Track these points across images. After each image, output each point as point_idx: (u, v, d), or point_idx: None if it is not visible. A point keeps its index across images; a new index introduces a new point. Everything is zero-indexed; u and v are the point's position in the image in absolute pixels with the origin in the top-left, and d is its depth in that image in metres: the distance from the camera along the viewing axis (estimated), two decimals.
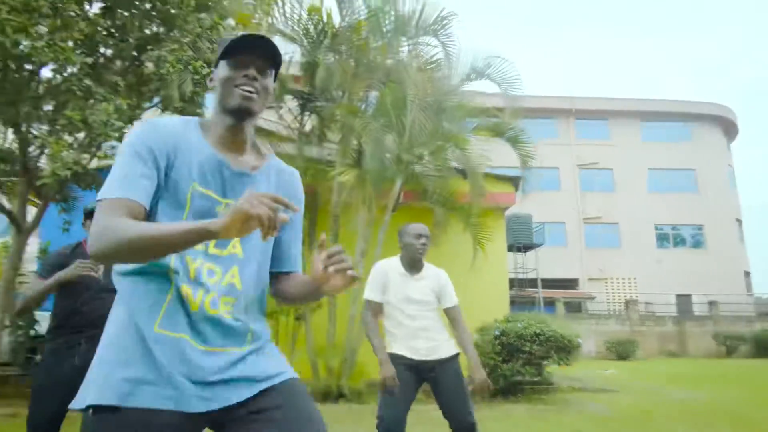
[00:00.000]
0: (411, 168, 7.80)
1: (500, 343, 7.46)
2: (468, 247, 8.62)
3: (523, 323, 7.58)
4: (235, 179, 1.33)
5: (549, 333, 7.43)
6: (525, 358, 7.42)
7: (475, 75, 8.20)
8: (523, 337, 7.39)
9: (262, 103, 1.36)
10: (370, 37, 7.93)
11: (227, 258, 1.31)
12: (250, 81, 1.31)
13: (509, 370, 7.43)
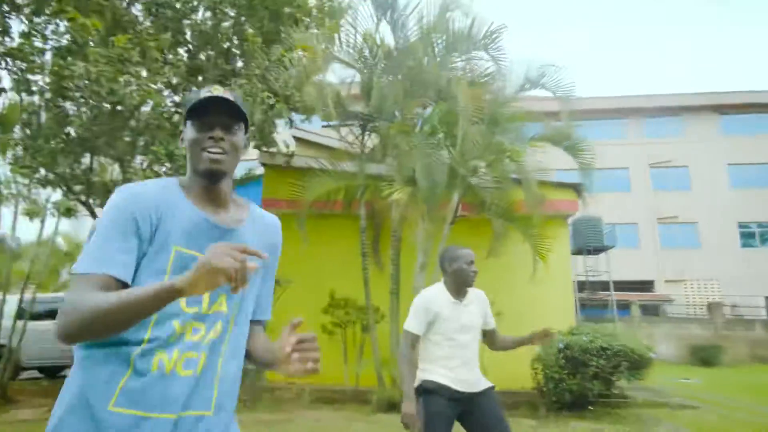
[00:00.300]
0: (467, 181, 7.62)
1: (564, 356, 7.06)
2: (530, 258, 8.30)
3: (589, 336, 7.12)
4: (221, 236, 1.27)
5: (617, 347, 6.92)
6: (591, 373, 6.96)
7: (529, 85, 7.93)
8: (589, 351, 6.93)
9: (231, 160, 1.31)
10: (423, 56, 7.85)
11: (213, 315, 1.25)
12: (216, 142, 1.26)
13: (576, 385, 7.01)
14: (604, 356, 6.87)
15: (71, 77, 6.38)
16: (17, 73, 7.24)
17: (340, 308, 8.23)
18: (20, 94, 7.52)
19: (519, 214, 8.34)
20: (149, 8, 7.34)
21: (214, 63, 8.06)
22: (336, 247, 9.25)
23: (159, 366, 1.14)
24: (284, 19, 8.62)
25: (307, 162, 9.07)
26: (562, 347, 7.10)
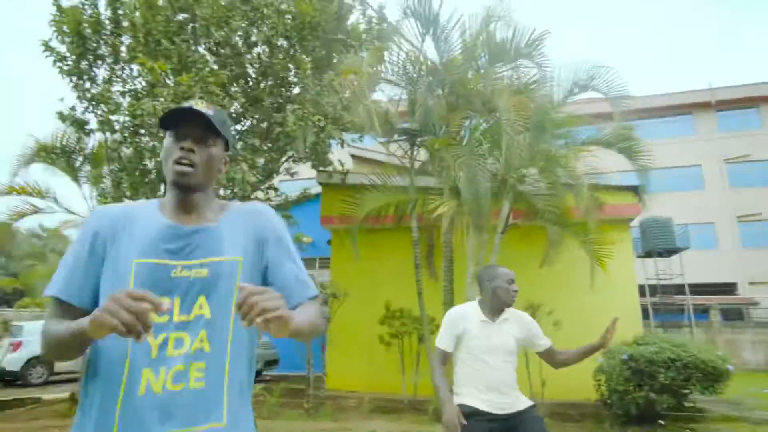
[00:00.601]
0: (516, 189, 7.27)
1: (629, 368, 6.46)
2: (588, 265, 7.76)
3: (655, 346, 6.48)
4: (188, 238, 1.22)
5: (687, 358, 6.24)
6: (659, 386, 6.32)
7: (578, 89, 7.47)
8: (656, 363, 6.30)
9: (202, 173, 1.26)
10: (467, 69, 7.64)
11: (194, 322, 1.17)
12: (186, 153, 1.23)
13: (642, 398, 6.40)
14: (673, 368, 6.22)
15: (142, 115, 6.78)
16: (102, 115, 7.81)
17: (396, 319, 8.10)
18: (105, 133, 8.11)
19: (574, 220, 7.85)
20: (210, 48, 7.66)
21: (270, 92, 8.27)
22: (390, 260, 9.17)
23: (146, 387, 1.10)
24: (335, 46, 8.76)
25: (360, 179, 9.09)
26: (627, 358, 6.52)
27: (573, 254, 8.03)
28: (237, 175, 7.09)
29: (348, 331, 9.03)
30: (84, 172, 9.50)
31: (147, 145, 7.96)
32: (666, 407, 6.45)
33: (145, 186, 8.11)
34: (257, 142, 8.07)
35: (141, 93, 7.59)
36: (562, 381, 7.67)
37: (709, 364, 6.18)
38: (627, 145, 6.93)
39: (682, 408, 6.73)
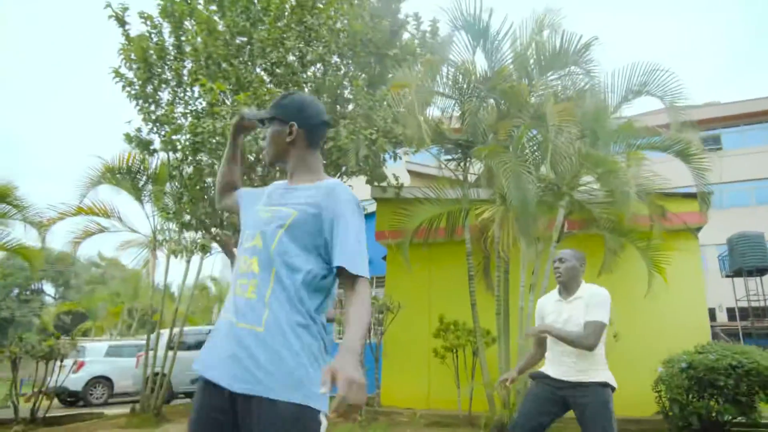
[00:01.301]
0: (571, 197, 7.95)
1: (688, 376, 6.93)
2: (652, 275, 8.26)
3: (716, 354, 6.94)
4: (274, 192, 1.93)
5: (749, 365, 6.66)
6: (722, 394, 6.75)
7: (632, 95, 8.12)
8: (716, 370, 6.75)
9: (269, 150, 1.99)
10: (518, 78, 8.46)
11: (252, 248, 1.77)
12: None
13: (703, 408, 6.84)
14: (734, 375, 6.64)
15: (203, 133, 8.01)
16: (164, 136, 9.16)
17: (450, 332, 8.84)
18: (167, 153, 9.47)
19: (634, 228, 8.39)
20: (266, 68, 8.88)
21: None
22: (443, 272, 9.97)
23: (235, 291, 1.77)
24: (388, 61, 9.79)
25: (413, 193, 10.01)
26: (686, 367, 6.99)
27: (635, 264, 8.56)
28: None
29: (401, 345, 9.87)
30: (147, 191, 10.96)
31: (206, 162, 9.24)
32: (731, 419, 6.81)
33: (204, 201, 9.38)
34: None
35: (201, 113, 8.86)
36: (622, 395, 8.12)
37: None
38: (681, 148, 7.46)
39: (752, 423, 7.04)
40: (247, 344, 1.61)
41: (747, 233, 16.10)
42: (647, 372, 7.73)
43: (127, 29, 9.36)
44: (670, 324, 8.78)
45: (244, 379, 1.58)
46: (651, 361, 7.76)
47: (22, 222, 11.54)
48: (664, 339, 8.19)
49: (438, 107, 9.36)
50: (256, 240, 1.76)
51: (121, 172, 10.54)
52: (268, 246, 1.72)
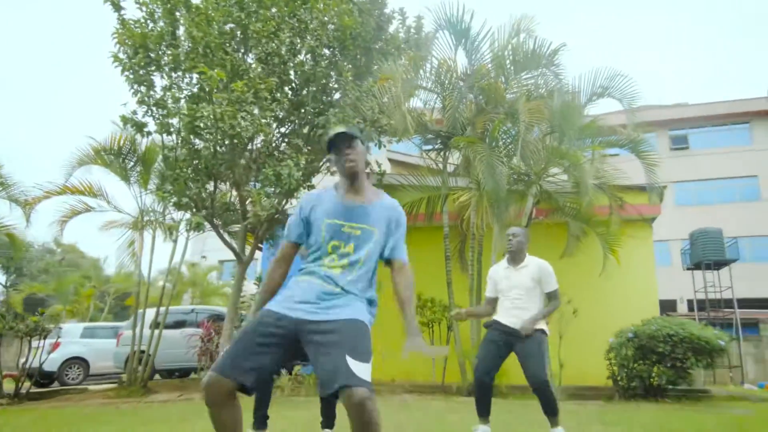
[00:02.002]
0: (539, 186, 9.35)
1: (633, 345, 8.43)
2: (610, 259, 9.75)
3: (657, 325, 8.46)
4: (353, 209, 2.49)
5: (683, 334, 8.19)
6: (661, 360, 8.26)
7: (596, 96, 9.56)
8: (656, 338, 8.27)
9: (359, 162, 2.51)
10: (495, 77, 9.80)
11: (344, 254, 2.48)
12: (347, 155, 2.48)
13: (644, 371, 8.35)
14: (671, 342, 8.16)
15: (201, 118, 9.06)
16: (159, 119, 10.15)
17: (427, 308, 10.18)
18: (162, 135, 10.45)
19: (596, 217, 9.87)
20: (260, 58, 9.95)
21: (314, 97, 10.53)
22: (422, 254, 11.21)
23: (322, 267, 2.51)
24: (374, 54, 10.97)
25: (397, 179, 11.27)
26: (632, 337, 8.49)
27: (594, 248, 10.04)
28: (284, 171, 9.30)
29: (382, 321, 11.09)
30: (135, 172, 11.91)
31: (199, 146, 10.26)
32: (668, 382, 8.33)
33: (197, 182, 10.43)
34: (301, 143, 10.30)
35: (197, 98, 9.85)
36: (578, 365, 9.68)
37: (702, 339, 8.11)
38: (633, 145, 8.93)
39: (689, 390, 8.60)
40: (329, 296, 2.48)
41: (707, 229, 17.88)
42: (602, 344, 9.22)
43: (123, 14, 10.24)
44: (624, 302, 10.33)
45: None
46: (606, 334, 9.26)
47: (7, 200, 12.24)
48: (617, 315, 9.71)
49: (421, 100, 10.62)
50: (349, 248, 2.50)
51: (112, 153, 11.42)
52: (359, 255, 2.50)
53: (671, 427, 5.92)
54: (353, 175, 2.51)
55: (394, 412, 6.99)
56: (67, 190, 12.02)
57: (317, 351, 2.25)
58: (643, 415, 6.97)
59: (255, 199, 9.33)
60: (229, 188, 11.39)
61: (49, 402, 10.20)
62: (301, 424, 5.76)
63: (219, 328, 11.61)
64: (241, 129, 9.16)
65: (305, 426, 5.68)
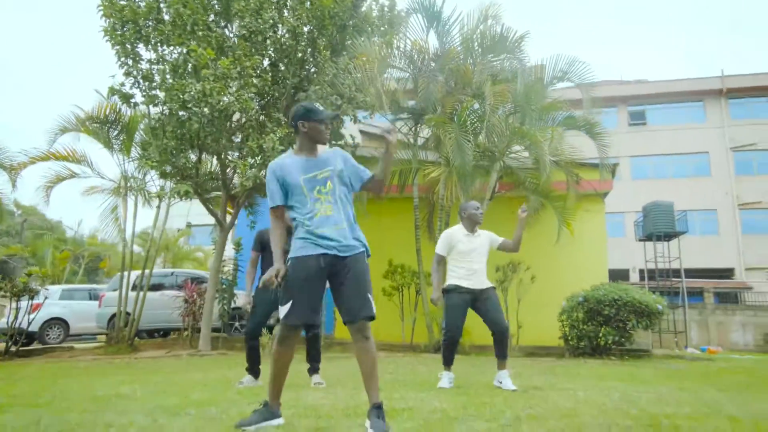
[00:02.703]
0: (502, 163, 10.12)
1: (583, 308, 9.39)
2: (565, 230, 10.64)
3: (605, 290, 9.41)
4: (315, 162, 3.06)
5: (627, 299, 9.17)
6: (607, 321, 9.23)
7: (556, 80, 10.30)
8: (603, 302, 9.24)
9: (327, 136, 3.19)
10: (464, 59, 10.43)
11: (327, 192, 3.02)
12: (328, 129, 3.17)
13: (592, 332, 9.33)
14: (615, 306, 9.13)
15: (190, 93, 9.50)
16: (146, 91, 10.53)
17: (397, 274, 10.96)
18: (148, 106, 10.83)
19: (554, 192, 10.71)
20: (244, 35, 10.35)
21: (293, 73, 11.01)
22: (393, 223, 12.05)
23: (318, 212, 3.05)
24: (350, 31, 11.46)
25: (370, 152, 11.90)
26: (582, 300, 9.43)
27: (551, 221, 10.91)
28: (267, 144, 9.84)
29: None
30: (119, 141, 12.26)
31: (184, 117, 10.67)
32: (613, 342, 9.32)
33: (181, 152, 10.88)
34: (281, 117, 10.81)
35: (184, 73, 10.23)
36: (534, 327, 10.64)
37: (643, 303, 9.11)
38: (588, 126, 9.74)
39: (632, 350, 9.62)
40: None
41: (659, 202, 18.95)
42: (556, 308, 10.15)
43: None
44: (577, 269, 11.32)
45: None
46: (559, 299, 10.20)
47: None
48: (571, 281, 10.67)
49: (394, 78, 11.20)
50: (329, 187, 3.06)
51: (98, 121, 11.75)
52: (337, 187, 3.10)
53: (609, 376, 6.82)
54: (323, 143, 3.17)
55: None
56: (52, 156, 12.33)
57: (346, 283, 2.96)
58: (587, 369, 7.92)
59: (241, 170, 9.84)
60: (210, 158, 11.89)
61: (41, 358, 10.75)
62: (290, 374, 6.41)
63: (200, 290, 12.20)
64: (229, 104, 9.62)
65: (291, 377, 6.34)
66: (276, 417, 3.02)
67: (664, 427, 3.05)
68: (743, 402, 4.29)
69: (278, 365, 3.05)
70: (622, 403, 4.12)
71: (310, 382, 5.38)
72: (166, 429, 2.97)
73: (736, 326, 18.19)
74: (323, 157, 3.12)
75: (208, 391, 4.83)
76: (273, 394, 3.05)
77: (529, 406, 3.85)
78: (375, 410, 2.83)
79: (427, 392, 4.69)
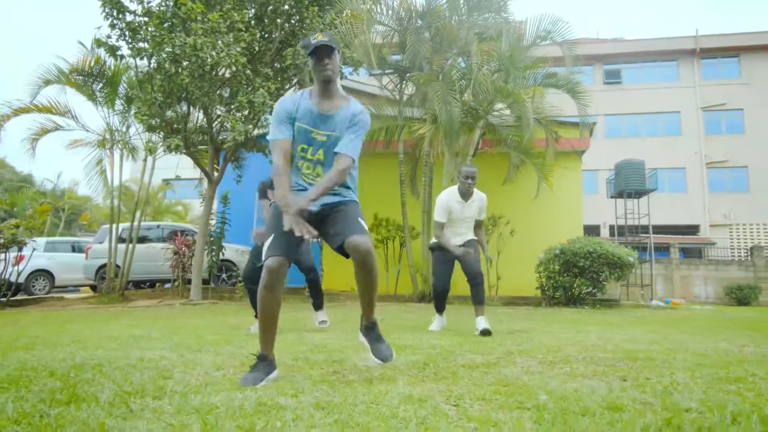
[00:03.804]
0: (486, 120, 10.40)
1: (559, 261, 9.90)
2: (544, 186, 11.06)
3: (580, 243, 9.92)
4: (322, 117, 2.73)
5: (601, 251, 9.70)
6: (581, 273, 9.79)
7: (539, 39, 10.51)
8: (578, 255, 9.76)
9: (335, 72, 2.71)
10: (449, 17, 10.55)
11: (315, 161, 2.80)
12: (326, 65, 2.70)
13: (567, 282, 9.89)
14: (590, 258, 9.66)
15: (180, 46, 9.46)
16: (132, 44, 10.43)
17: (382, 227, 11.31)
18: (135, 58, 10.75)
19: (534, 149, 11.08)
20: None
21: (280, 27, 10.99)
22: (379, 177, 12.34)
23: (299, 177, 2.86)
24: None
25: None
26: (559, 253, 9.94)
27: (531, 176, 11.33)
28: (257, 99, 9.92)
29: None
30: (102, 93, 12.16)
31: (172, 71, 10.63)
32: (586, 292, 9.91)
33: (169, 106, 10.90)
34: (270, 72, 10.85)
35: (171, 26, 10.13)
36: (513, 278, 11.17)
37: (615, 256, 9.65)
38: (570, 86, 10.05)
39: (603, 300, 10.22)
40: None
41: (631, 160, 19.47)
42: (533, 260, 10.67)
43: None
44: (553, 224, 11.83)
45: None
46: (537, 251, 10.70)
47: None
48: (548, 235, 11.17)
49: (379, 33, 11.27)
50: (319, 155, 2.81)
51: (83, 73, 11.63)
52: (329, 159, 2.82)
53: (584, 322, 7.35)
54: (327, 82, 2.74)
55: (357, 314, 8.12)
56: (35, 108, 12.20)
57: (333, 218, 2.77)
58: (563, 315, 8.47)
59: (232, 124, 9.93)
60: (197, 112, 11.90)
61: (34, 307, 10.92)
62: (289, 321, 6.75)
63: (188, 242, 12.39)
64: (220, 59, 9.61)
65: (293, 322, 6.69)
66: (273, 369, 2.69)
67: (639, 359, 3.42)
68: (705, 341, 4.77)
69: (266, 313, 2.68)
70: (599, 341, 4.55)
71: (315, 320, 5.73)
72: (196, 362, 3.16)
73: (699, 280, 19.18)
74: (333, 116, 2.77)
75: (218, 333, 5.09)
76: (266, 344, 2.72)
77: (517, 344, 4.24)
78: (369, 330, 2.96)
79: (420, 334, 5.05)
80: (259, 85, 10.19)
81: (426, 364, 3.10)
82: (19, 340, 4.47)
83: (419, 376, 2.72)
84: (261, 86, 10.10)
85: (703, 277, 19.29)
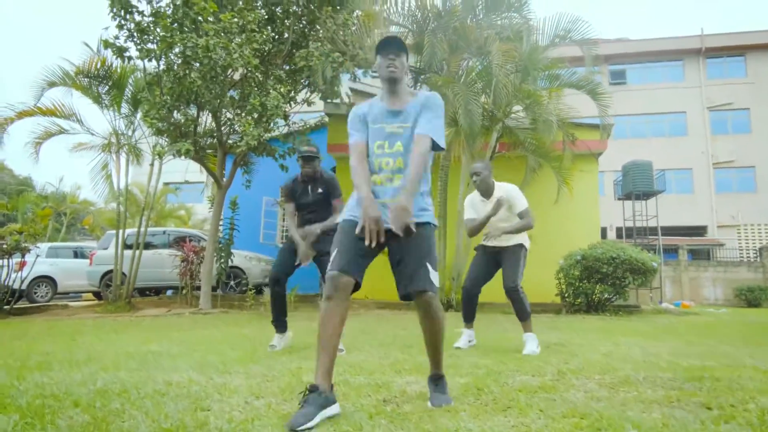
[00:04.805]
0: (503, 123, 10.10)
1: (581, 266, 9.60)
2: (562, 189, 10.77)
3: (602, 249, 9.62)
4: (394, 113, 2.65)
5: (624, 257, 9.40)
6: (603, 278, 9.49)
7: (558, 39, 10.20)
8: (601, 260, 9.45)
9: (401, 71, 2.63)
10: (466, 17, 10.24)
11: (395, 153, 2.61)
12: (392, 62, 2.63)
13: (589, 289, 9.58)
14: (613, 264, 9.36)
15: (191, 47, 9.12)
16: (141, 45, 10.07)
17: None
18: (143, 60, 10.38)
19: (552, 152, 10.77)
20: None
21: (291, 28, 10.66)
22: None
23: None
24: None
25: None
26: (580, 259, 9.63)
27: (549, 180, 11.02)
28: (270, 102, 9.58)
29: None
30: (108, 96, 11.80)
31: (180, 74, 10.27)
32: (608, 298, 9.61)
33: (178, 110, 10.55)
34: (283, 75, 10.51)
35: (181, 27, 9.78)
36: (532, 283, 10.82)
37: (639, 261, 9.35)
38: (591, 88, 9.75)
39: (625, 306, 9.92)
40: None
41: (638, 161, 19.29)
42: (552, 265, 10.35)
43: None
44: (571, 228, 11.51)
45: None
46: (555, 257, 10.38)
47: None
48: (566, 240, 10.86)
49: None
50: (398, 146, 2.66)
51: (89, 76, 11.27)
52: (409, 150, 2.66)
53: (612, 331, 7.06)
54: (392, 81, 2.66)
55: (379, 324, 7.82)
56: (39, 111, 11.84)
57: (404, 246, 2.56)
58: (587, 323, 8.16)
59: (244, 128, 9.60)
60: (205, 115, 11.55)
61: (39, 316, 10.57)
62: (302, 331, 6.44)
63: (196, 249, 12.03)
64: (232, 60, 9.28)
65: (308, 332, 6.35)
66: (331, 403, 2.31)
67: (705, 379, 3.14)
68: (757, 353, 4.50)
69: (324, 329, 2.40)
70: (647, 356, 4.26)
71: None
72: (229, 387, 2.91)
73: (708, 282, 18.95)
74: (404, 110, 2.65)
75: (238, 348, 4.80)
76: (322, 371, 2.35)
77: (564, 361, 3.95)
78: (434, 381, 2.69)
79: (453, 350, 4.69)
80: (271, 86, 9.87)
81: (479, 389, 2.85)
82: (31, 358, 4.15)
83: (479, 405, 2.50)
84: (273, 88, 9.78)
85: (712, 279, 19.07)
